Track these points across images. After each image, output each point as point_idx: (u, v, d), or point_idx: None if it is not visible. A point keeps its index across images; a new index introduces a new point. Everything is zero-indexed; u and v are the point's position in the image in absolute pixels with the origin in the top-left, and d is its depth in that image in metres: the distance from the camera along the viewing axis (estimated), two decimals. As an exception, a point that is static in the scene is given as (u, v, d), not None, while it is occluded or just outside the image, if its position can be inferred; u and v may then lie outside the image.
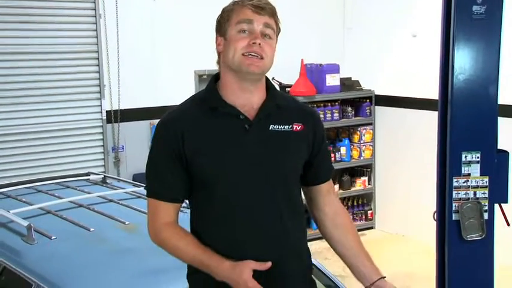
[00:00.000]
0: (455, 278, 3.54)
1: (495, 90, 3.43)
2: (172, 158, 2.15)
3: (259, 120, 2.17)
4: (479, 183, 3.46)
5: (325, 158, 2.38)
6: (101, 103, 6.55)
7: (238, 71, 2.12)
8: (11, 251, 3.49)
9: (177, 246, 2.20)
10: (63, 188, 4.58)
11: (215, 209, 2.18)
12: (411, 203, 6.99)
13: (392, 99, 7.36)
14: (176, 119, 2.20)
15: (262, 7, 2.12)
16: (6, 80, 6.09)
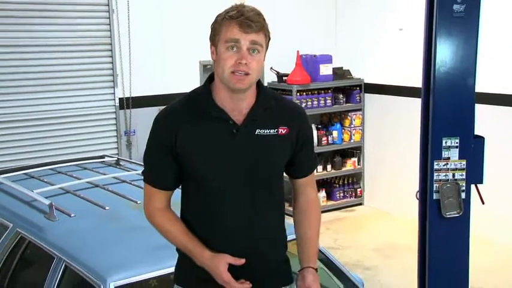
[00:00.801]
0: (435, 250, 3.56)
1: (473, 82, 3.43)
2: (165, 152, 2.16)
3: (246, 125, 2.14)
4: (457, 166, 3.47)
5: (307, 156, 2.31)
6: (114, 91, 6.56)
7: (227, 85, 2.10)
8: (34, 227, 3.51)
9: (169, 231, 2.23)
10: (81, 170, 4.59)
11: (201, 201, 2.19)
12: (396, 182, 7.01)
13: (380, 87, 7.34)
14: (171, 117, 2.19)
15: (248, 25, 2.03)
16: (27, 70, 6.09)
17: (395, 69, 7.02)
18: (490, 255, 5.76)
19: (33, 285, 3.39)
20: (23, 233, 3.54)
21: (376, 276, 5.59)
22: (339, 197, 7.52)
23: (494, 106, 6.04)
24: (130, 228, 3.40)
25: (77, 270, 3.03)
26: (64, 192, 3.96)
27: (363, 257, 5.93)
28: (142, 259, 3.04)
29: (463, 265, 3.62)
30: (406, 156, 5.96)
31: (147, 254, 3.08)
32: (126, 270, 2.93)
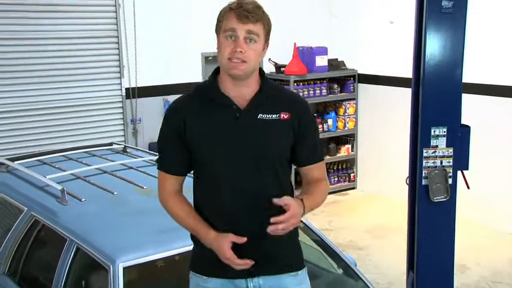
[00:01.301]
0: (423, 232, 3.60)
1: (460, 74, 3.44)
2: (176, 140, 2.19)
3: (249, 110, 2.15)
4: (445, 153, 3.49)
5: (309, 144, 2.26)
6: (120, 81, 6.56)
7: (227, 72, 2.13)
8: (48, 211, 3.52)
9: (178, 215, 2.25)
10: (90, 156, 4.58)
11: (207, 183, 2.21)
12: (387, 168, 7.04)
13: (373, 78, 7.35)
14: (181, 107, 2.22)
15: (245, 15, 2.06)
16: (38, 62, 6.09)
17: (388, 61, 7.03)
18: (475, 235, 5.80)
19: (46, 265, 3.39)
20: (37, 216, 3.55)
21: (367, 256, 5.63)
22: (334, 182, 7.55)
23: (480, 96, 6.06)
24: (137, 212, 3.41)
25: (88, 252, 3.06)
26: (75, 178, 3.96)
27: (355, 238, 5.97)
28: (149, 241, 3.05)
29: (449, 245, 3.66)
30: (397, 143, 5.98)
31: (154, 236, 3.09)
32: (134, 251, 2.95)
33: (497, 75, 6.02)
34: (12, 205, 3.84)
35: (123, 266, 2.85)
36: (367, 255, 5.65)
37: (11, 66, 5.98)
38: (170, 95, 6.82)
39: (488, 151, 5.99)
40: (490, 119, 6.10)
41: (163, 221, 3.11)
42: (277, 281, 2.20)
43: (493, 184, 6.00)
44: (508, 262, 5.50)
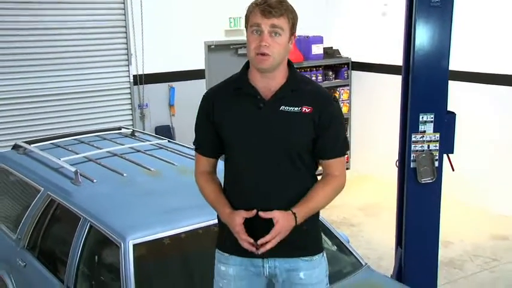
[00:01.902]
0: (411, 210, 3.66)
1: (446, 65, 3.47)
2: (206, 123, 2.21)
3: (273, 102, 2.11)
4: (432, 138, 3.54)
5: (330, 138, 2.16)
6: (128, 69, 6.55)
7: (254, 65, 2.12)
8: (62, 191, 3.53)
9: (204, 190, 2.27)
10: (101, 140, 4.56)
11: (231, 165, 2.22)
12: (379, 150, 7.06)
13: (365, 65, 7.34)
14: (212, 94, 2.24)
15: (269, 11, 2.02)
16: (51, 51, 6.09)
17: (380, 49, 7.01)
18: (459, 213, 5.85)
19: (62, 241, 3.42)
20: (53, 196, 3.56)
21: (360, 232, 5.69)
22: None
23: (466, 83, 6.06)
24: (145, 193, 3.42)
25: (100, 230, 3.08)
26: (87, 160, 3.96)
27: (348, 215, 6.01)
28: (156, 220, 3.06)
29: (435, 223, 3.72)
30: (388, 127, 5.99)
31: (161, 216, 3.11)
32: (143, 230, 2.97)
33: (482, 64, 6.02)
34: (30, 185, 3.86)
35: (133, 243, 2.88)
36: (359, 232, 5.70)
37: (27, 55, 5.98)
38: (175, 81, 6.83)
39: (473, 136, 6.02)
40: (475, 105, 6.12)
41: (169, 202, 3.26)
42: (292, 264, 2.18)
43: (476, 166, 6.03)
44: (488, 238, 5.56)
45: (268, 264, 2.18)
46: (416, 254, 3.67)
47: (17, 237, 3.71)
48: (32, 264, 3.51)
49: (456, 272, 4.90)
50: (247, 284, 2.21)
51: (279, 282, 2.21)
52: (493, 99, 6.04)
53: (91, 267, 3.18)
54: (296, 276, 2.18)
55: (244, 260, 2.19)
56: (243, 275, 2.20)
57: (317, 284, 2.20)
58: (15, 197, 4.04)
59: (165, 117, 6.83)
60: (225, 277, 2.21)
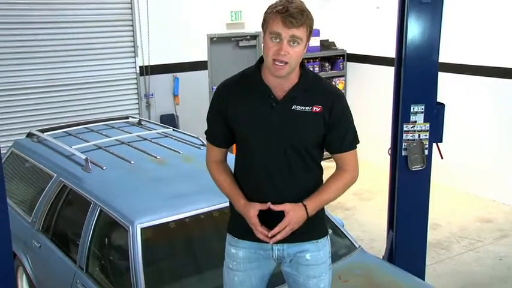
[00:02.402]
0: (402, 196, 3.68)
1: (436, 59, 3.46)
2: (219, 116, 2.18)
3: (285, 101, 2.09)
4: (422, 128, 3.55)
5: (340, 134, 2.15)
6: (135, 60, 6.55)
7: (269, 71, 2.07)
8: (74, 177, 3.55)
9: (217, 179, 2.25)
10: (109, 128, 4.56)
11: (242, 158, 2.21)
12: (373, 137, 7.02)
13: (360, 57, 7.34)
14: (226, 88, 2.19)
15: (290, 21, 1.96)
16: (62, 43, 6.09)
17: (374, 42, 7.00)
18: (447, 198, 5.89)
19: (74, 224, 3.44)
20: (65, 182, 3.58)
21: (354, 215, 5.73)
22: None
23: (456, 74, 6.06)
24: (151, 180, 3.42)
25: (110, 214, 3.10)
26: (96, 148, 3.96)
27: (343, 200, 6.00)
28: (163, 205, 3.08)
29: (424, 207, 3.74)
30: (381, 116, 6.00)
31: (167, 201, 3.13)
32: (150, 214, 2.99)
33: (470, 56, 6.02)
34: (44, 171, 3.87)
35: (140, 227, 2.90)
36: (353, 215, 5.74)
37: (40, 47, 5.98)
38: (179, 72, 6.83)
39: (461, 125, 6.04)
40: (463, 95, 6.12)
41: (175, 188, 3.27)
42: (299, 247, 2.19)
43: (463, 154, 6.06)
44: (473, 220, 5.61)
45: (277, 247, 2.19)
46: (407, 237, 3.70)
47: (32, 220, 3.74)
48: (47, 245, 3.55)
49: (443, 253, 4.95)
50: (256, 266, 2.22)
51: (286, 263, 2.23)
52: (480, 90, 6.04)
53: (101, 249, 3.21)
54: (303, 258, 2.20)
55: (254, 244, 2.20)
56: (252, 257, 2.22)
57: (321, 264, 2.22)
58: (30, 182, 4.06)
59: (170, 106, 6.84)
60: (235, 259, 2.23)
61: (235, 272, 2.22)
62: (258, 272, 2.22)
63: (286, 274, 2.25)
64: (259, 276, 2.23)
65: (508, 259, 4.85)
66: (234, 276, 2.22)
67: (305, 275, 2.20)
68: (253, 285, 2.23)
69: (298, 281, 2.21)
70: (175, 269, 3.04)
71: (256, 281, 2.23)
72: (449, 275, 4.56)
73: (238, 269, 2.22)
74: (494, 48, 5.82)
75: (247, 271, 2.21)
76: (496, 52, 5.81)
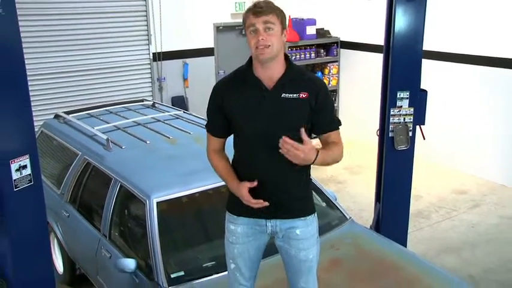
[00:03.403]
0: (388, 172, 3.70)
1: (420, 50, 3.45)
2: (217, 109, 2.22)
3: (274, 90, 2.13)
4: (407, 112, 3.55)
5: (325, 118, 2.19)
6: (148, 47, 6.51)
7: (256, 58, 2.13)
8: (97, 156, 3.59)
9: (215, 165, 2.29)
10: (126, 110, 4.57)
11: (239, 145, 2.24)
12: (363, 118, 7.05)
13: (352, 44, 7.25)
14: (222, 85, 2.24)
15: (259, 11, 2.06)
16: (83, 32, 6.06)
17: (365, 31, 6.92)
18: (427, 172, 5.92)
19: (98, 197, 3.48)
20: (89, 160, 3.62)
21: (345, 188, 5.77)
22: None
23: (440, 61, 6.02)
24: (165, 158, 3.45)
25: (129, 189, 3.14)
26: (116, 129, 3.98)
27: (336, 174, 6.08)
28: (175, 182, 3.12)
29: (408, 182, 3.77)
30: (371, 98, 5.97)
31: (179, 178, 3.16)
32: (164, 189, 3.03)
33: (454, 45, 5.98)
34: (69, 149, 3.92)
35: (156, 201, 2.95)
36: (345, 188, 5.78)
37: (64, 36, 5.96)
38: (188, 58, 6.80)
39: (441, 108, 6.04)
40: (446, 81, 6.10)
41: (186, 166, 3.31)
42: (290, 223, 2.22)
43: (442, 134, 6.08)
44: (450, 191, 5.66)
45: (270, 223, 2.23)
46: (392, 209, 3.74)
47: (61, 192, 3.80)
48: (74, 215, 3.62)
49: (423, 221, 5.01)
50: (253, 239, 2.27)
51: (279, 238, 2.27)
52: (461, 77, 6.02)
53: (122, 219, 3.28)
54: (293, 233, 2.23)
55: (251, 220, 2.24)
56: (249, 232, 2.25)
57: (310, 238, 2.26)
58: (58, 159, 4.11)
59: (180, 88, 6.84)
60: (234, 234, 2.27)
61: (234, 245, 2.27)
62: (254, 244, 2.27)
63: (279, 248, 2.29)
64: (255, 247, 2.27)
65: (479, 226, 4.92)
66: (234, 248, 2.27)
67: (296, 248, 2.24)
68: (251, 255, 2.27)
69: (290, 253, 2.26)
70: (186, 237, 3.10)
71: (253, 251, 2.27)
72: (428, 241, 4.64)
73: (238, 242, 2.26)
74: (477, 38, 5.77)
75: (245, 244, 2.26)
76: (479, 41, 5.76)
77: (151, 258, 2.80)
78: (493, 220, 5.03)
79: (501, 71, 5.60)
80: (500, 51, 5.55)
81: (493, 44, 5.62)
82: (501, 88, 5.67)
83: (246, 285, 2.30)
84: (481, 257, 4.38)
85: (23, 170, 2.49)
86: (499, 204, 5.36)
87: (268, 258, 2.45)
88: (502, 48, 5.54)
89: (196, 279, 2.75)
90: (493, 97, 5.78)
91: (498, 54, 5.58)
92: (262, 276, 2.40)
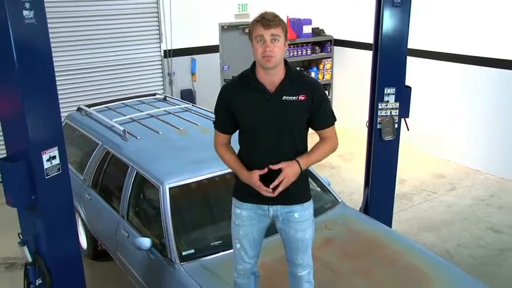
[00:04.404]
0: (376, 160, 3.73)
1: (405, 51, 3.45)
2: (225, 109, 2.24)
3: (276, 93, 2.16)
4: (393, 106, 3.57)
5: (321, 115, 2.22)
6: (160, 45, 6.46)
7: (260, 65, 2.15)
8: (115, 145, 3.62)
9: (224, 157, 2.31)
10: (140, 104, 4.56)
11: (246, 141, 2.26)
12: (353, 110, 7.05)
13: (344, 42, 7.22)
14: (229, 87, 2.26)
15: (268, 24, 2.07)
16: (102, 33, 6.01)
17: (356, 30, 6.90)
18: (411, 158, 5.97)
19: (116, 182, 3.52)
20: (108, 149, 3.65)
21: (338, 173, 5.81)
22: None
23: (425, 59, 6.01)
24: (176, 148, 3.47)
25: (144, 176, 3.17)
26: (131, 121, 3.99)
27: (329, 160, 6.04)
28: (186, 169, 3.14)
29: (393, 169, 3.80)
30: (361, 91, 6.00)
31: (189, 166, 3.19)
32: (176, 176, 3.06)
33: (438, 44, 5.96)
34: (91, 139, 3.94)
35: (169, 187, 2.98)
36: (337, 173, 5.82)
37: (84, 36, 5.90)
38: (196, 54, 6.78)
39: (424, 102, 6.05)
40: (429, 77, 6.10)
41: (194, 155, 3.33)
42: (289, 208, 2.26)
43: (424, 126, 6.09)
44: (430, 175, 5.70)
45: (272, 208, 2.27)
46: (379, 193, 3.78)
47: (84, 178, 3.83)
48: (95, 198, 3.66)
49: (406, 203, 5.06)
50: (256, 222, 2.30)
51: (279, 221, 2.31)
52: (440, 72, 6.01)
53: (138, 202, 3.32)
54: (292, 216, 2.27)
55: (254, 206, 2.28)
56: (253, 216, 2.29)
57: (306, 221, 2.30)
58: (81, 147, 4.14)
59: (188, 82, 6.82)
60: (239, 217, 2.31)
61: (240, 227, 2.31)
62: (257, 226, 2.31)
63: (280, 230, 2.33)
64: (258, 229, 2.32)
65: (455, 207, 4.98)
66: (239, 230, 2.31)
67: (294, 229, 2.28)
68: (254, 236, 2.32)
69: (289, 233, 2.30)
70: (195, 219, 3.14)
71: (256, 233, 2.31)
72: (411, 220, 4.69)
73: (243, 224, 2.30)
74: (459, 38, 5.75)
75: (250, 226, 2.29)
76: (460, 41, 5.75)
77: (165, 237, 2.85)
78: (467, 201, 5.08)
79: (479, 68, 5.59)
80: (479, 50, 5.54)
81: (473, 44, 5.60)
82: (478, 84, 5.68)
83: (250, 263, 2.35)
84: (456, 234, 4.45)
85: (53, 160, 2.56)
86: (472, 187, 5.42)
87: (269, 237, 2.48)
88: (481, 47, 5.52)
89: (204, 256, 2.80)
90: (470, 92, 5.79)
91: (477, 53, 5.57)
92: (264, 254, 2.45)
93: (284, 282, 2.42)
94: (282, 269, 2.44)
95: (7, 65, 2.36)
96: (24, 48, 2.34)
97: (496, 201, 5.08)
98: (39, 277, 2.70)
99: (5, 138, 2.57)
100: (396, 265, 2.79)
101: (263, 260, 2.47)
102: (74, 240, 2.81)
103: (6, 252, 4.12)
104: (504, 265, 3.96)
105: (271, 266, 2.61)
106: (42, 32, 2.42)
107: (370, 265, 2.76)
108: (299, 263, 2.33)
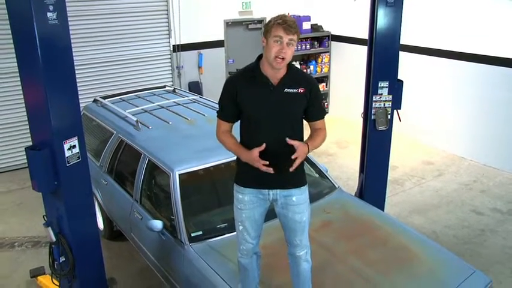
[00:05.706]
0: (371, 149, 3.74)
1: (397, 47, 3.43)
2: (229, 99, 2.25)
3: (279, 86, 2.20)
4: (387, 99, 3.57)
5: (316, 108, 2.28)
6: (169, 40, 6.42)
7: (270, 64, 2.17)
8: (128, 135, 3.62)
9: (225, 142, 2.32)
10: (151, 95, 4.56)
11: (249, 128, 2.27)
12: (350, 101, 7.06)
13: (341, 38, 7.16)
14: (235, 78, 2.26)
15: (289, 29, 2.11)
16: (115, 29, 5.97)
17: (352, 26, 6.84)
18: (402, 146, 5.96)
19: (130, 169, 3.53)
20: (122, 138, 3.65)
21: (334, 160, 5.81)
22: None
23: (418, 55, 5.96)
24: (185, 137, 3.48)
25: (156, 163, 3.19)
26: (143, 111, 3.99)
27: (326, 148, 6.10)
28: (194, 157, 3.16)
29: (386, 157, 3.80)
30: (357, 84, 5.99)
31: (197, 153, 3.20)
32: (185, 164, 3.08)
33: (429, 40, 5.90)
34: (106, 129, 3.95)
35: (178, 173, 3.00)
36: (334, 159, 5.81)
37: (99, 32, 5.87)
38: (202, 49, 6.75)
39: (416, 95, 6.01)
40: (420, 71, 6.06)
41: (202, 143, 3.34)
42: (288, 192, 2.29)
43: (415, 116, 6.07)
44: (420, 162, 5.70)
45: (272, 192, 2.29)
46: (373, 179, 3.79)
47: (100, 164, 3.85)
48: (111, 183, 3.68)
49: (398, 188, 5.07)
50: (257, 206, 2.32)
51: (278, 205, 2.33)
52: (430, 67, 5.97)
53: (150, 187, 3.34)
54: (290, 200, 2.30)
55: (255, 190, 2.30)
56: (254, 200, 2.31)
57: (303, 204, 2.33)
58: (97, 136, 4.15)
59: (195, 75, 6.80)
60: (241, 202, 2.33)
61: (242, 210, 2.32)
62: (258, 210, 2.33)
63: (279, 213, 2.35)
64: (259, 212, 2.34)
65: (442, 191, 4.99)
66: (242, 213, 2.33)
67: (292, 212, 2.30)
68: (256, 219, 2.33)
69: (287, 216, 2.32)
70: (203, 203, 3.16)
71: (257, 215, 2.33)
72: (402, 204, 4.71)
73: (245, 208, 2.31)
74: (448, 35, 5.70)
75: (251, 209, 2.31)
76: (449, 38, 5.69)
77: (175, 220, 2.87)
78: (453, 186, 5.10)
79: (466, 64, 5.56)
80: (466, 47, 5.50)
81: (460, 41, 5.55)
82: (464, 79, 5.65)
83: (252, 243, 2.37)
84: (443, 216, 4.47)
85: (73, 149, 2.60)
86: (457, 173, 5.43)
87: (269, 221, 2.51)
88: (468, 44, 5.48)
89: (211, 237, 2.83)
90: (457, 86, 5.76)
91: (464, 49, 5.53)
92: (265, 236, 2.47)
93: (284, 261, 2.44)
94: (281, 249, 2.46)
95: (32, 61, 2.39)
96: (47, 46, 2.39)
97: (479, 186, 5.10)
98: (63, 255, 2.75)
99: (31, 128, 2.60)
100: (388, 246, 2.81)
101: (264, 242, 2.49)
102: (92, 222, 2.86)
103: (31, 231, 4.18)
104: (485, 244, 4.00)
105: (272, 246, 2.63)
106: (64, 31, 2.45)
107: (363, 246, 2.78)
108: (297, 244, 2.35)
